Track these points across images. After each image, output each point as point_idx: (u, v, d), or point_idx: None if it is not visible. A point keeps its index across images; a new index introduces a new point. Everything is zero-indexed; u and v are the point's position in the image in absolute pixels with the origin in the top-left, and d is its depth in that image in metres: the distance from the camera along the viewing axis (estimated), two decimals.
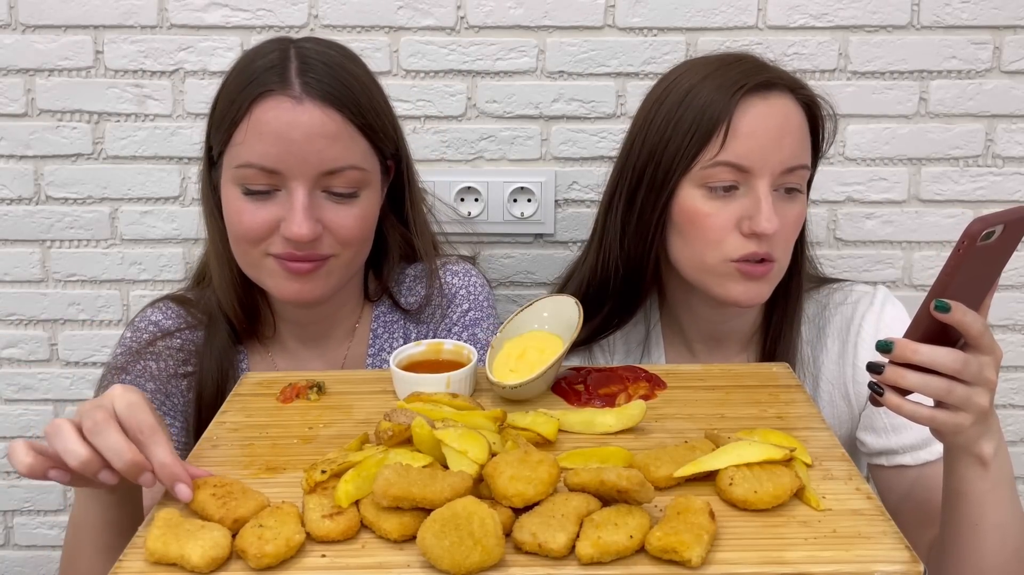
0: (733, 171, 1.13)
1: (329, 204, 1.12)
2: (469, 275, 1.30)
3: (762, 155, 1.12)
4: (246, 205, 1.11)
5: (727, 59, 1.19)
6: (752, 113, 1.12)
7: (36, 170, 1.58)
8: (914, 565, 0.71)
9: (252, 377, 1.09)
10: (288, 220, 1.09)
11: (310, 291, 1.14)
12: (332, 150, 1.09)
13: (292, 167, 1.08)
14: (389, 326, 1.28)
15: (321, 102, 1.09)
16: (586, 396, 1.01)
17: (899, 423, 1.18)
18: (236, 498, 0.79)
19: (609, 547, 0.71)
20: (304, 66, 1.11)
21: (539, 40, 1.53)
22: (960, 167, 1.56)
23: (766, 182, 1.12)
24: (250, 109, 1.09)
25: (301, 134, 1.08)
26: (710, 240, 1.14)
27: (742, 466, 0.80)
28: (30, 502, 1.71)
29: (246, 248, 1.14)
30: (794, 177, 1.14)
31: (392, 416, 0.86)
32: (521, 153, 1.57)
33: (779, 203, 1.14)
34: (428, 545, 0.70)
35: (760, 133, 1.12)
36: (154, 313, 1.25)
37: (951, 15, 1.51)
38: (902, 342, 0.88)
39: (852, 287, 1.28)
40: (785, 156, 1.13)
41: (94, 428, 0.82)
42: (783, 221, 1.13)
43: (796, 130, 1.15)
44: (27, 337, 1.64)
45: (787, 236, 1.15)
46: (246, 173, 1.10)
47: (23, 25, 1.53)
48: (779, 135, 1.12)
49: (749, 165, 1.12)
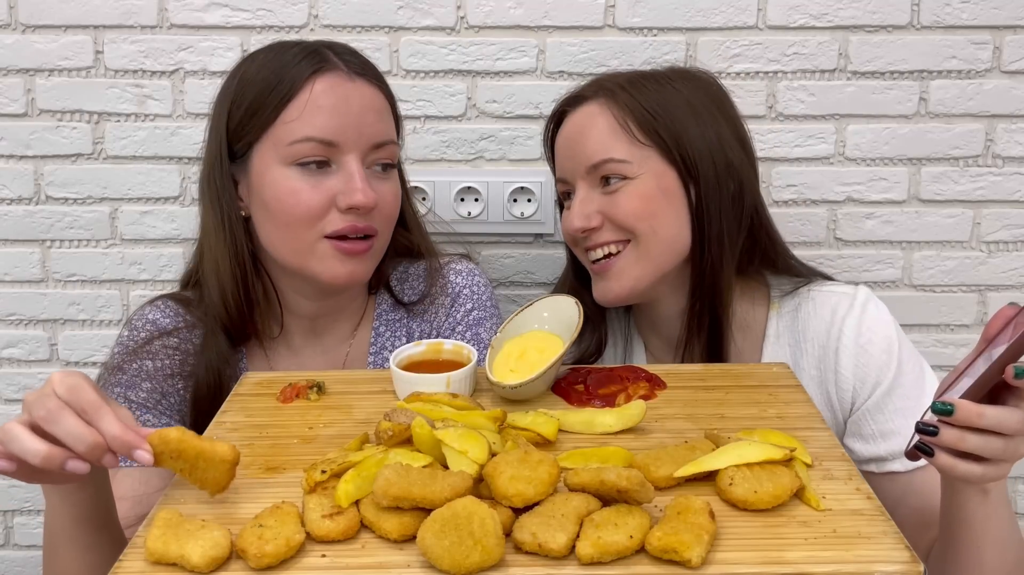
0: (562, 185, 1.28)
1: (373, 178, 1.17)
2: (472, 275, 1.30)
3: (570, 164, 1.24)
4: (301, 184, 1.13)
5: None
6: (560, 131, 1.27)
7: (36, 170, 1.58)
8: (914, 565, 0.71)
9: (252, 377, 1.09)
10: (349, 190, 1.13)
11: (362, 272, 1.18)
12: (380, 123, 1.17)
13: (349, 138, 1.14)
14: (391, 324, 1.29)
15: (368, 79, 1.18)
16: (586, 396, 1.01)
17: (887, 430, 1.17)
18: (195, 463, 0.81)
19: (609, 547, 0.71)
20: (338, 51, 1.18)
21: (539, 40, 1.53)
22: (960, 167, 1.56)
23: (582, 185, 1.22)
24: (306, 85, 1.13)
25: (357, 106, 1.15)
26: (567, 238, 1.29)
27: (742, 466, 0.80)
28: (30, 502, 1.71)
29: (300, 232, 1.15)
30: (606, 170, 1.20)
31: (392, 416, 0.87)
32: (521, 153, 1.57)
33: (601, 196, 1.21)
34: (428, 545, 0.70)
35: (565, 147, 1.25)
36: (152, 312, 1.25)
37: (951, 15, 1.51)
38: (966, 406, 0.85)
39: (832, 290, 1.23)
40: (586, 156, 1.21)
41: (48, 417, 0.82)
42: (608, 209, 1.20)
43: (598, 129, 1.21)
44: (27, 337, 1.64)
45: (619, 220, 1.20)
46: (302, 148, 1.13)
47: (23, 25, 1.53)
48: (579, 141, 1.23)
49: (564, 177, 1.26)
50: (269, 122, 1.14)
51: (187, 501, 0.83)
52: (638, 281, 1.20)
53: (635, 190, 1.19)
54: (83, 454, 0.82)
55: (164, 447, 0.81)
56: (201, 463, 0.81)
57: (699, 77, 1.25)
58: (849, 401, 1.20)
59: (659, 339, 1.31)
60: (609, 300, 1.23)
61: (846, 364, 1.18)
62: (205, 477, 0.81)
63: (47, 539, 1.01)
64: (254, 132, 1.15)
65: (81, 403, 0.83)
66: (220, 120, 1.18)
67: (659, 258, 1.20)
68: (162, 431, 0.81)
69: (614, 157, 1.19)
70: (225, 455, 0.81)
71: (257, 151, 1.15)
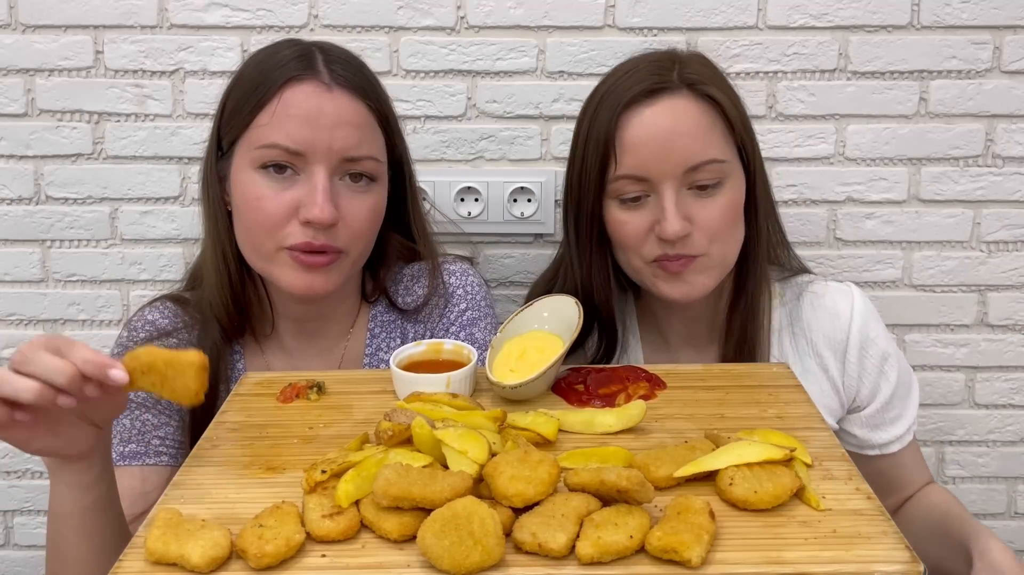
0: (634, 182, 1.17)
1: (346, 191, 1.14)
2: (466, 275, 1.30)
3: (655, 162, 1.14)
4: (266, 189, 1.12)
5: (627, 68, 1.21)
6: (635, 124, 1.16)
7: (36, 170, 1.58)
8: (914, 565, 0.71)
9: (252, 377, 1.09)
10: (309, 203, 1.11)
11: (321, 284, 1.15)
12: (355, 137, 1.13)
13: (318, 150, 1.11)
14: (387, 326, 1.28)
15: (349, 91, 1.14)
16: (586, 396, 1.01)
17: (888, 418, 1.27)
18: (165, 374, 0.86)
19: (609, 547, 0.71)
20: (329, 58, 1.15)
21: (539, 40, 1.53)
22: (960, 167, 1.56)
23: (669, 186, 1.15)
24: (280, 91, 1.11)
25: (329, 119, 1.11)
26: (630, 246, 1.20)
27: (742, 466, 0.80)
28: (30, 502, 1.71)
29: (262, 239, 1.14)
30: (703, 174, 1.15)
31: (392, 416, 0.87)
32: (521, 153, 1.57)
33: (692, 202, 1.16)
34: (428, 545, 0.70)
35: (646, 142, 1.15)
36: (151, 312, 1.25)
37: (951, 15, 1.51)
38: None
39: (827, 285, 1.28)
40: (683, 157, 1.14)
41: (23, 359, 0.85)
42: (699, 218, 1.15)
43: (692, 128, 1.15)
44: (27, 337, 1.63)
45: (709, 231, 1.17)
46: (269, 153, 1.11)
47: (23, 25, 1.53)
48: (669, 138, 1.14)
49: (644, 174, 1.15)
50: (246, 123, 1.13)
51: (187, 501, 0.83)
52: (714, 281, 1.20)
53: (728, 198, 1.17)
54: (64, 386, 0.85)
55: (135, 363, 0.86)
56: (171, 372, 0.86)
57: (714, 63, 1.25)
58: (852, 397, 1.27)
59: (676, 337, 1.31)
60: (688, 297, 1.20)
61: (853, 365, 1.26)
62: (175, 386, 0.86)
63: (52, 529, 1.02)
64: (235, 131, 1.15)
65: (52, 343, 0.86)
66: (216, 116, 1.19)
67: (731, 260, 1.21)
68: (132, 351, 0.87)
69: (717, 158, 1.15)
70: (192, 359, 0.86)
71: (236, 150, 1.15)
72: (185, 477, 0.87)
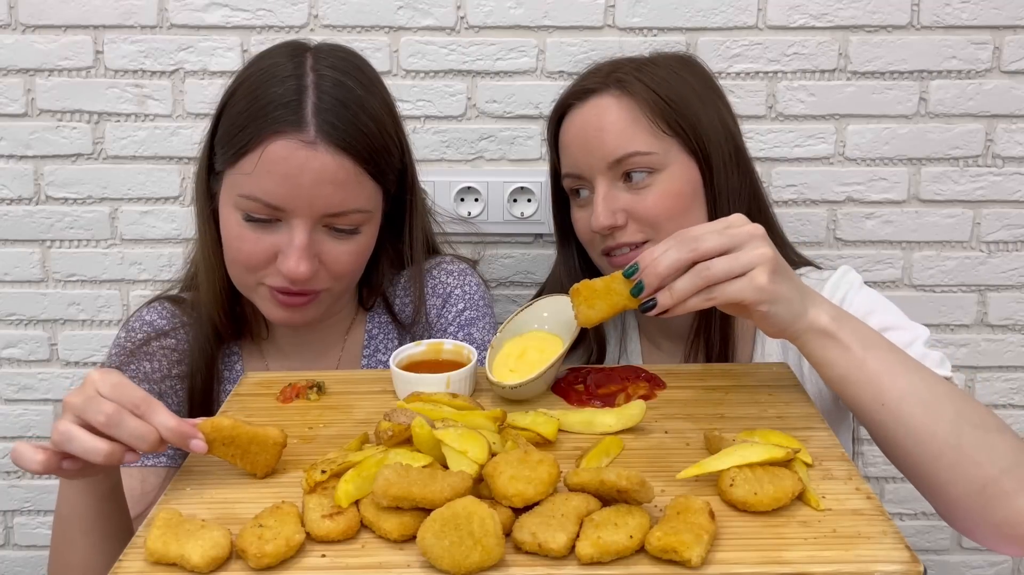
0: (575, 180, 1.23)
1: (328, 239, 1.12)
2: (465, 275, 1.30)
3: (584, 158, 1.20)
4: (247, 233, 1.10)
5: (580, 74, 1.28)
6: (567, 125, 1.23)
7: (36, 170, 1.58)
8: (914, 565, 0.71)
9: (252, 377, 1.09)
10: (286, 256, 1.09)
11: (300, 318, 1.16)
12: (339, 195, 1.09)
13: (298, 207, 1.08)
14: (384, 326, 1.28)
15: (334, 148, 1.07)
16: (586, 396, 1.01)
17: None
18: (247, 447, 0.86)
19: (609, 547, 0.71)
20: (320, 103, 1.08)
21: (539, 40, 1.53)
22: (960, 167, 1.56)
23: (601, 181, 1.19)
24: (261, 144, 1.07)
25: (310, 179, 1.07)
26: (585, 241, 1.26)
27: (744, 467, 0.79)
28: (30, 502, 1.71)
29: (242, 274, 1.14)
30: (629, 166, 1.18)
31: (392, 416, 0.86)
32: (521, 153, 1.57)
33: (627, 194, 1.19)
34: (428, 545, 0.70)
35: (574, 140, 1.22)
36: (149, 313, 1.25)
37: (951, 15, 1.51)
38: (645, 255, 0.93)
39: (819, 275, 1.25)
40: (605, 151, 1.18)
41: (109, 422, 0.84)
42: (636, 210, 1.18)
43: (613, 123, 1.18)
44: (27, 337, 1.64)
45: (647, 221, 1.18)
46: (249, 204, 1.09)
47: (23, 25, 1.53)
48: (593, 135, 1.19)
49: (578, 171, 1.22)
50: (232, 161, 1.10)
51: (187, 501, 0.83)
52: None
53: (664, 187, 1.18)
54: (144, 451, 0.85)
55: (217, 435, 0.85)
56: (253, 447, 0.86)
57: (692, 61, 1.26)
58: None
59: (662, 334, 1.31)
60: None
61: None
62: (256, 460, 0.86)
63: (59, 531, 1.02)
64: (223, 162, 1.12)
65: (132, 400, 0.85)
66: (210, 132, 1.16)
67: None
68: (213, 420, 0.86)
69: (639, 150, 1.17)
70: (277, 438, 0.86)
71: (224, 181, 1.13)
72: (185, 477, 0.87)
